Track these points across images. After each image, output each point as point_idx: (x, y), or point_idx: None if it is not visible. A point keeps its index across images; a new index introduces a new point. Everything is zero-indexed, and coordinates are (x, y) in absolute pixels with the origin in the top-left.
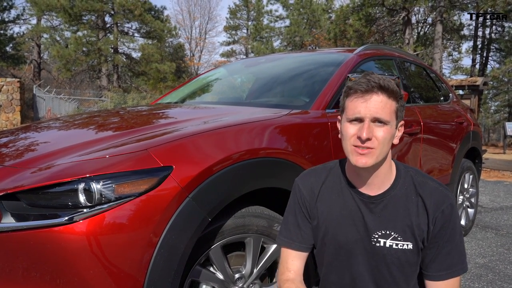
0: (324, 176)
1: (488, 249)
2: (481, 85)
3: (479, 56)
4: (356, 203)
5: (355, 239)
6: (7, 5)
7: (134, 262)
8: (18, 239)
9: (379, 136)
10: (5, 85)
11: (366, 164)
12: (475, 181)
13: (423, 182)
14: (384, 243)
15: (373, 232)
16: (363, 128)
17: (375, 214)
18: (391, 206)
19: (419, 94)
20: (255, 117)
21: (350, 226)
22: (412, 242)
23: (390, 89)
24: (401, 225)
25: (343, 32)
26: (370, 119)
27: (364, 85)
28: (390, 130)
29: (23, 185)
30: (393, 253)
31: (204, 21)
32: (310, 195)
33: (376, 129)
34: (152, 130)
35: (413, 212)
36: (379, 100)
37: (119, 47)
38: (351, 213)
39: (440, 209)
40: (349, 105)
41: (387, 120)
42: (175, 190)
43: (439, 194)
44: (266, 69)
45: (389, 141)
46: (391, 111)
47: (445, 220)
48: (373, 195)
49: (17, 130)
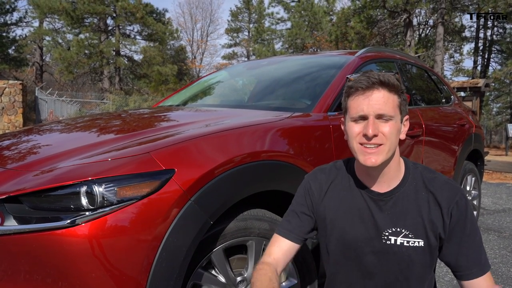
0: (333, 174)
1: (491, 251)
2: (482, 86)
3: (481, 58)
4: (365, 201)
5: (364, 237)
6: (10, 7)
7: (136, 265)
8: (21, 242)
9: (386, 131)
10: (8, 88)
11: (376, 162)
12: (477, 183)
13: (432, 178)
14: (395, 240)
15: (383, 230)
16: (368, 125)
17: (385, 211)
18: (401, 203)
19: (420, 96)
20: (257, 120)
21: (359, 224)
22: (424, 239)
23: (391, 84)
24: (411, 222)
25: (345, 34)
26: (374, 115)
27: (364, 82)
28: (396, 124)
29: (26, 188)
30: (404, 251)
31: (205, 24)
32: (319, 191)
33: (381, 125)
34: (154, 133)
35: (424, 208)
36: (381, 96)
37: (121, 50)
38: (360, 211)
39: (454, 201)
40: (351, 104)
41: (391, 115)
42: (177, 193)
43: (449, 187)
44: (268, 72)
45: (396, 136)
46: (394, 106)
47: (461, 212)
48: (383, 192)
49: (19, 133)
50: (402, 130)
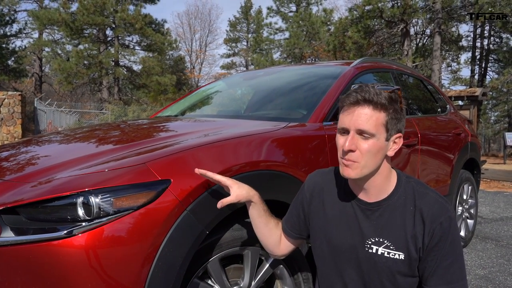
0: (329, 178)
1: (488, 260)
2: (480, 95)
3: (478, 67)
4: (353, 209)
5: (349, 243)
6: (10, 19)
7: (132, 275)
8: (17, 253)
9: (363, 149)
10: (7, 99)
11: (349, 175)
12: (474, 192)
13: (423, 193)
14: (376, 250)
15: (367, 238)
16: (346, 140)
17: (371, 220)
18: (388, 215)
19: (416, 106)
20: (253, 130)
21: (346, 231)
22: (405, 252)
23: (375, 102)
24: (395, 235)
25: (342, 44)
26: (354, 131)
27: (351, 98)
28: (377, 143)
29: (23, 199)
30: (384, 261)
31: (204, 34)
32: (311, 193)
33: (360, 141)
34: (151, 143)
35: (409, 222)
36: (364, 113)
37: (120, 60)
38: (348, 218)
39: (438, 221)
40: (340, 116)
41: (371, 132)
42: (173, 203)
43: (438, 206)
44: (265, 82)
45: (375, 154)
46: (377, 124)
47: (443, 232)
48: (370, 202)
49: (18, 144)
50: (391, 148)
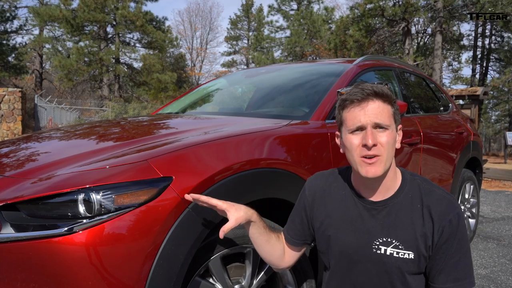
0: (330, 180)
1: (490, 259)
2: (481, 95)
3: (479, 66)
4: (358, 210)
5: (355, 245)
6: (10, 15)
7: (133, 273)
8: (18, 249)
9: (383, 141)
10: (7, 95)
11: (376, 173)
12: (476, 191)
13: (430, 190)
14: (385, 250)
15: (374, 239)
16: (367, 135)
17: (378, 220)
18: (394, 213)
19: (418, 104)
20: (256, 127)
21: (351, 232)
22: (414, 251)
23: (385, 94)
24: (403, 234)
25: (343, 43)
26: (371, 125)
27: (359, 94)
28: (392, 134)
29: (23, 196)
30: (393, 262)
31: (205, 32)
32: (313, 197)
33: (378, 134)
34: (152, 140)
35: (418, 220)
36: (376, 106)
37: (121, 57)
38: (353, 219)
39: (447, 218)
40: (347, 116)
41: (387, 124)
42: (175, 201)
43: (446, 203)
44: (267, 80)
45: (393, 145)
46: (389, 115)
47: (452, 230)
48: (376, 201)
49: (18, 140)
50: (397, 139)
